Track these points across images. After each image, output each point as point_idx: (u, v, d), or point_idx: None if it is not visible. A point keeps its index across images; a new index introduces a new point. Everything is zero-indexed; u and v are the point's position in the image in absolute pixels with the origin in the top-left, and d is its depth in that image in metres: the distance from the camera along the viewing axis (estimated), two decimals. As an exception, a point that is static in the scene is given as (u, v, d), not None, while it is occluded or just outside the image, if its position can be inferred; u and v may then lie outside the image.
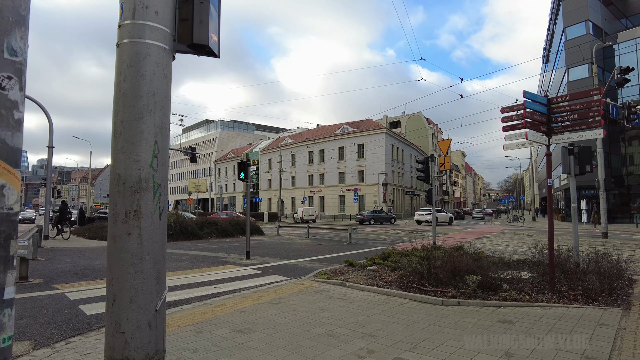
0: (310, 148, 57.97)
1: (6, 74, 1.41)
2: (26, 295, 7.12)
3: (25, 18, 1.46)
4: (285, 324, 5.20)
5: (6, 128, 1.41)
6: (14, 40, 1.42)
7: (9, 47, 1.41)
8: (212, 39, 2.53)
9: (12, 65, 1.43)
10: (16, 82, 1.42)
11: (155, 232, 2.15)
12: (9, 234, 1.42)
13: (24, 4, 1.46)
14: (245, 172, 12.46)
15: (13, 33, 1.43)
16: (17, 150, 1.44)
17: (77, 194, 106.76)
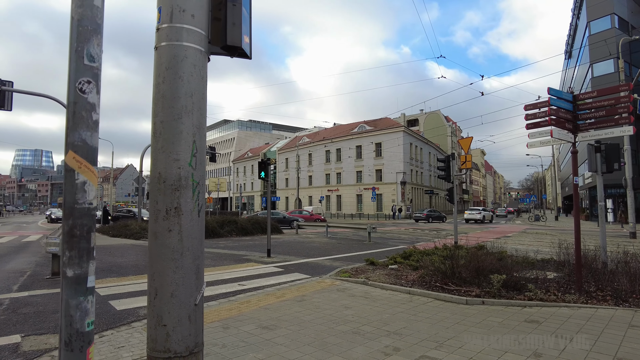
0: (328, 147, 57.99)
1: (86, 78, 1.50)
2: (59, 290, 7.35)
3: (100, 26, 1.55)
4: (310, 321, 5.25)
5: (86, 128, 1.50)
6: (92, 47, 1.51)
7: (88, 54, 1.50)
8: (244, 40, 2.58)
9: (90, 70, 1.51)
10: (94, 86, 1.51)
11: (195, 229, 2.22)
12: (90, 227, 1.51)
13: (100, 13, 1.54)
14: (266, 171, 12.58)
15: (91, 41, 1.51)
16: (95, 149, 1.53)
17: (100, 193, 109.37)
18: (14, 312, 5.87)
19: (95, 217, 1.60)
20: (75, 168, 1.50)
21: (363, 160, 53.73)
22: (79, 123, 1.54)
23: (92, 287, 1.54)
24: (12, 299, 6.66)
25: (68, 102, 1.56)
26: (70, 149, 1.51)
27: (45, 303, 6.42)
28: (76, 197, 1.51)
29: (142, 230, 20.22)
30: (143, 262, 11.33)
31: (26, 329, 5.09)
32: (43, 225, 39.27)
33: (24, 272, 9.49)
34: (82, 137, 1.53)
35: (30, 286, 7.78)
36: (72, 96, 1.54)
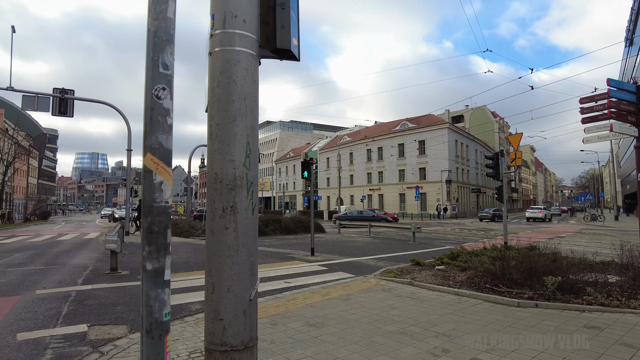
0: (369, 146, 57.55)
1: (161, 85, 1.61)
2: (119, 284, 7.83)
3: (172, 36, 1.66)
4: (356, 320, 5.26)
5: (162, 132, 1.61)
6: (166, 56, 1.62)
7: (163, 63, 1.61)
8: (293, 42, 2.64)
9: (165, 77, 1.63)
10: (168, 93, 1.62)
11: (249, 226, 2.30)
12: (166, 224, 1.62)
13: (172, 24, 1.65)
14: (308, 170, 12.70)
15: (165, 50, 1.63)
16: (170, 152, 1.64)
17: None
18: (80, 303, 6.31)
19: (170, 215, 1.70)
20: (153, 169, 1.62)
21: (406, 158, 52.87)
22: (155, 127, 1.65)
23: (169, 280, 1.65)
24: (78, 292, 7.16)
25: (145, 108, 1.67)
26: (148, 152, 1.62)
27: (107, 296, 6.84)
28: (154, 196, 1.63)
29: (191, 228, 21.03)
30: (193, 259, 11.80)
31: (91, 319, 5.46)
32: (100, 223, 41.80)
33: (86, 267, 10.17)
34: (158, 140, 1.64)
35: (92, 280, 8.33)
36: (149, 102, 1.66)
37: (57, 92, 19.19)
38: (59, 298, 6.69)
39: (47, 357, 4.14)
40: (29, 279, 8.53)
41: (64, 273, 9.27)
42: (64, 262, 11.14)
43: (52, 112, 19.20)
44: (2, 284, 7.98)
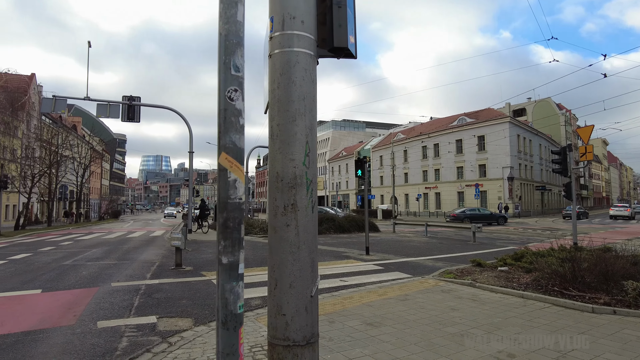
0: (425, 142, 56.08)
1: (233, 87, 1.70)
2: (183, 280, 8.28)
3: (242, 39, 1.75)
4: (415, 320, 5.16)
5: (235, 132, 1.70)
6: (237, 59, 1.71)
7: (234, 65, 1.70)
8: (350, 40, 2.64)
9: (236, 79, 1.71)
10: (240, 94, 1.71)
11: (309, 224, 2.34)
12: (240, 219, 1.71)
13: (242, 28, 1.74)
14: (362, 169, 12.63)
15: (236, 53, 1.71)
16: (242, 151, 1.73)
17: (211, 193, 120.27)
18: (149, 296, 6.74)
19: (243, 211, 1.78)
20: (228, 167, 1.70)
21: (464, 155, 50.94)
22: (229, 127, 1.74)
23: (242, 274, 1.72)
24: (147, 285, 7.66)
25: (219, 109, 1.76)
26: (223, 151, 1.71)
27: (173, 290, 7.25)
28: (229, 193, 1.71)
29: (249, 226, 21.70)
30: (251, 256, 12.18)
31: (159, 311, 5.81)
32: (165, 222, 44.38)
33: (153, 263, 10.84)
34: (232, 139, 1.73)
35: (159, 275, 8.86)
36: (222, 104, 1.75)
37: (125, 100, 20.64)
38: (131, 291, 7.19)
39: (123, 344, 4.46)
40: (105, 272, 9.26)
41: (134, 268, 9.95)
42: (134, 258, 11.95)
43: (122, 118, 20.68)
44: (83, 276, 8.73)
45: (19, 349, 4.31)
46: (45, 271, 9.41)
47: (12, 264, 10.70)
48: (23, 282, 8.04)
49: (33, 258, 11.90)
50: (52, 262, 10.90)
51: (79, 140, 50.27)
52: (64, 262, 10.86)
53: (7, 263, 10.82)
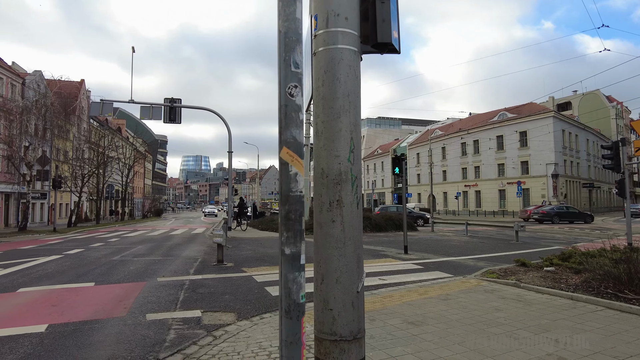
0: (464, 139, 54.59)
1: (293, 83, 1.75)
2: (225, 275, 8.51)
3: (301, 36, 1.80)
4: (457, 320, 5.06)
5: (295, 127, 1.76)
6: (296, 55, 1.76)
7: (294, 61, 1.75)
8: (393, 35, 2.62)
9: (296, 76, 1.77)
10: (299, 90, 1.76)
11: (355, 220, 2.35)
12: (301, 212, 1.77)
13: (300, 24, 1.79)
14: (400, 167, 12.49)
15: (295, 50, 1.77)
16: (302, 145, 1.79)
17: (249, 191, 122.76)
18: (194, 291, 6.98)
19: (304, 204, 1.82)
20: (289, 161, 1.75)
21: (505, 151, 49.21)
22: (289, 123, 1.79)
23: (304, 265, 1.77)
24: (191, 281, 7.93)
25: (280, 105, 1.82)
26: (284, 145, 1.76)
27: (215, 285, 7.47)
28: (290, 186, 1.76)
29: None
30: (289, 254, 12.31)
31: (203, 305, 6.01)
32: (205, 220, 45.70)
33: (196, 259, 11.19)
34: (292, 134, 1.78)
35: (202, 270, 9.15)
36: (283, 100, 1.80)
37: (167, 102, 21.40)
38: (176, 285, 7.47)
39: (171, 336, 4.65)
40: (151, 267, 9.66)
41: (178, 264, 10.32)
42: (177, 254, 12.40)
43: (164, 119, 21.46)
44: (131, 271, 9.16)
45: (79, 337, 4.59)
46: (96, 266, 9.94)
47: (68, 258, 11.38)
48: (78, 276, 8.53)
49: (85, 253, 12.60)
50: (102, 258, 11.49)
51: (124, 142, 52.68)
52: (113, 258, 11.43)
53: (63, 257, 11.51)
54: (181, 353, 4.08)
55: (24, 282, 7.79)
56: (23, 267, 9.64)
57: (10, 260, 10.95)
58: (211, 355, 3.98)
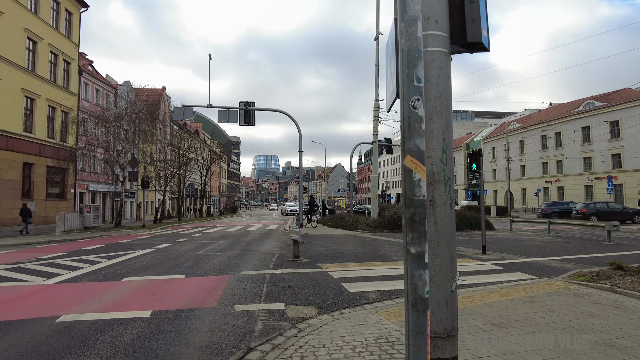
0: (545, 131, 50.77)
1: (416, 97, 1.88)
2: (302, 270, 8.83)
3: (421, 52, 1.92)
4: (546, 324, 4.82)
5: (418, 136, 1.89)
6: (419, 71, 1.89)
7: (416, 77, 1.88)
8: (483, 34, 2.60)
9: (418, 90, 1.89)
10: (421, 103, 1.88)
11: (448, 220, 2.39)
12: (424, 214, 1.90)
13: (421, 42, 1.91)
14: (477, 162, 12.02)
15: (418, 66, 1.89)
16: (423, 153, 1.92)
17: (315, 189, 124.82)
18: (275, 285, 7.35)
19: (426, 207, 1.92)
20: (412, 168, 1.88)
21: (592, 143, 44.98)
22: (413, 133, 1.91)
23: (427, 263, 1.88)
24: (271, 275, 8.34)
25: (403, 117, 1.95)
26: (408, 154, 1.89)
27: (294, 280, 7.79)
28: (414, 191, 1.89)
29: (355, 222, 22.08)
30: (362, 251, 12.43)
31: (285, 299, 6.31)
32: (277, 217, 47.33)
33: (273, 254, 11.71)
34: (415, 143, 1.90)
35: (280, 265, 9.56)
36: (406, 112, 1.93)
37: (242, 105, 22.50)
38: (258, 279, 7.91)
39: (258, 327, 4.97)
40: (233, 262, 10.30)
41: (257, 258, 10.88)
42: (255, 249, 13.05)
43: (239, 122, 22.61)
44: (215, 264, 9.85)
45: (178, 324, 5.08)
46: (184, 259, 10.80)
47: (158, 252, 12.48)
48: (170, 268, 9.35)
49: (173, 248, 13.72)
50: (188, 252, 12.44)
51: (202, 144, 56.18)
52: (198, 252, 12.32)
53: (154, 251, 12.66)
54: (270, 343, 4.35)
55: (126, 272, 8.71)
56: (123, 259, 10.76)
57: (113, 252, 12.27)
58: (298, 346, 4.21)
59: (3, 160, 23.42)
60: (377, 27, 24.02)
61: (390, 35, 3.54)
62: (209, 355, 4.05)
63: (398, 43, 3.08)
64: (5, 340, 4.44)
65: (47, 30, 27.31)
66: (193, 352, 4.13)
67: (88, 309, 5.72)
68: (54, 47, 28.08)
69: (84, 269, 9.08)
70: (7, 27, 23.60)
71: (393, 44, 3.24)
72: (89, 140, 30.53)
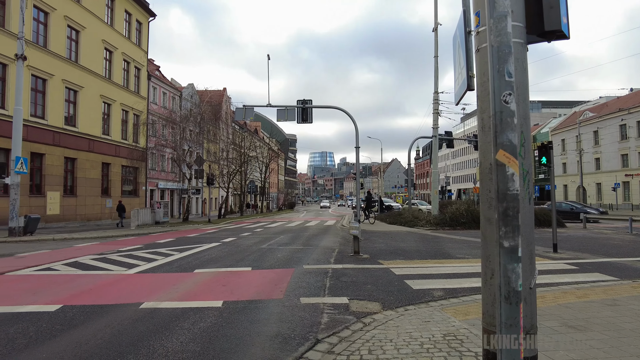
0: (624, 120, 46.47)
1: (508, 91, 1.90)
2: (363, 266, 8.88)
3: (511, 47, 1.93)
4: (632, 329, 4.48)
5: (510, 131, 1.91)
6: (509, 65, 1.91)
7: (507, 72, 1.90)
8: (563, 21, 2.48)
9: (509, 84, 1.92)
10: (513, 97, 1.90)
11: (526, 216, 2.33)
12: (517, 208, 1.95)
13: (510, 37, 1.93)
14: (548, 155, 11.34)
15: (509, 60, 1.91)
16: (516, 147, 1.94)
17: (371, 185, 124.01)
18: (337, 279, 7.46)
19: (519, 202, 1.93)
20: (506, 163, 1.90)
21: (681, 133, 40.51)
22: (505, 127, 1.93)
23: (520, 257, 1.89)
24: (333, 269, 8.47)
25: (494, 112, 1.97)
26: (500, 148, 1.91)
27: (356, 275, 7.86)
28: (508, 185, 1.91)
29: (415, 218, 21.70)
30: (424, 248, 12.23)
31: (348, 293, 6.40)
32: (334, 212, 47.67)
33: (333, 250, 11.86)
34: (508, 138, 1.91)
35: (341, 260, 9.68)
36: (497, 107, 1.94)
37: (299, 103, 22.91)
38: (320, 273, 8.07)
39: (325, 319, 5.10)
40: (295, 256, 10.58)
41: (318, 253, 11.08)
42: (315, 244, 13.29)
43: (297, 120, 23.05)
44: (279, 258, 10.18)
45: (248, 314, 5.34)
46: (249, 253, 11.27)
47: (225, 246, 13.11)
48: (237, 261, 9.81)
49: (238, 242, 14.34)
50: (253, 246, 12.95)
51: (261, 142, 57.92)
52: (261, 246, 12.79)
53: (221, 245, 13.32)
54: (337, 336, 4.45)
55: (196, 265, 9.27)
56: (193, 252, 11.45)
57: (183, 246, 13.08)
58: (365, 340, 4.27)
59: (86, 160, 25.73)
60: (436, 18, 23.33)
61: (459, 27, 3.46)
62: (279, 345, 4.23)
63: (467, 36, 3.02)
64: (100, 322, 4.94)
65: (120, 40, 29.54)
66: (264, 341, 4.34)
67: (166, 298, 6.18)
68: (126, 55, 30.30)
69: (158, 261, 9.78)
70: (88, 40, 25.84)
71: (462, 36, 3.17)
72: (158, 140, 32.65)
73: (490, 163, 2.37)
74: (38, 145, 21.56)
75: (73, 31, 24.63)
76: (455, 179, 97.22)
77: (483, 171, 2.42)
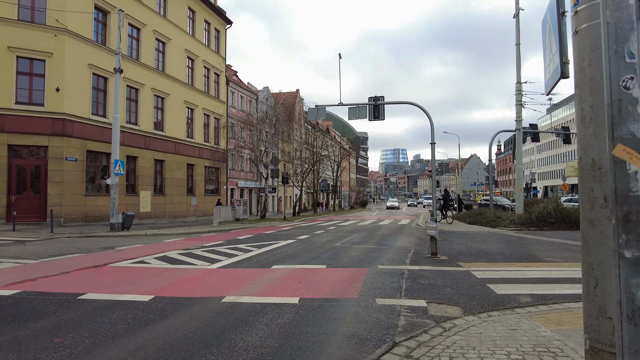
0: None
1: (629, 75, 1.71)
2: (441, 268, 8.52)
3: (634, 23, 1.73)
4: None
5: (633, 121, 1.72)
6: (631, 45, 1.71)
7: (629, 52, 1.71)
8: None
9: (631, 67, 1.72)
10: (635, 82, 1.70)
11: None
12: None
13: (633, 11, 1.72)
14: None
15: (630, 39, 1.72)
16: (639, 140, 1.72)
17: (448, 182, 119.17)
18: (414, 281, 7.24)
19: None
20: (626, 159, 1.69)
21: None
22: (626, 117, 1.72)
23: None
24: (409, 271, 8.24)
25: (610, 100, 1.76)
26: (619, 142, 1.71)
27: (434, 277, 7.55)
28: (629, 185, 1.70)
29: (497, 218, 20.44)
30: (507, 250, 11.45)
31: (426, 296, 6.16)
32: (407, 211, 46.61)
33: (408, 250, 11.55)
34: (630, 130, 1.71)
35: (417, 262, 9.38)
36: (615, 94, 1.74)
37: (371, 100, 22.67)
38: (395, 274, 7.89)
39: (402, 322, 4.95)
40: (369, 255, 10.48)
41: (393, 253, 10.86)
42: (389, 244, 13.05)
43: (369, 117, 22.82)
44: (352, 257, 10.15)
45: (324, 312, 5.37)
46: (323, 250, 11.38)
47: (300, 243, 13.39)
48: (311, 258, 9.96)
49: (312, 239, 14.57)
50: (326, 244, 13.07)
51: (332, 141, 58.43)
52: (335, 244, 12.86)
53: (296, 242, 13.62)
54: (415, 340, 4.29)
55: (274, 261, 9.56)
56: (270, 248, 11.84)
57: (261, 242, 13.59)
58: (445, 346, 4.06)
59: (173, 162, 27.89)
60: (517, 3, 21.75)
61: (550, 9, 3.15)
62: (356, 346, 4.18)
63: (561, 18, 2.73)
64: (186, 314, 5.28)
65: (201, 48, 31.54)
66: (340, 341, 4.32)
67: (246, 292, 6.44)
68: (206, 62, 32.29)
69: (238, 257, 10.25)
70: (173, 50, 27.97)
71: (554, 19, 2.88)
72: (237, 142, 34.37)
73: (592, 159, 2.09)
74: (132, 149, 23.82)
75: (160, 43, 26.81)
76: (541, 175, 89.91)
77: (584, 168, 2.14)
